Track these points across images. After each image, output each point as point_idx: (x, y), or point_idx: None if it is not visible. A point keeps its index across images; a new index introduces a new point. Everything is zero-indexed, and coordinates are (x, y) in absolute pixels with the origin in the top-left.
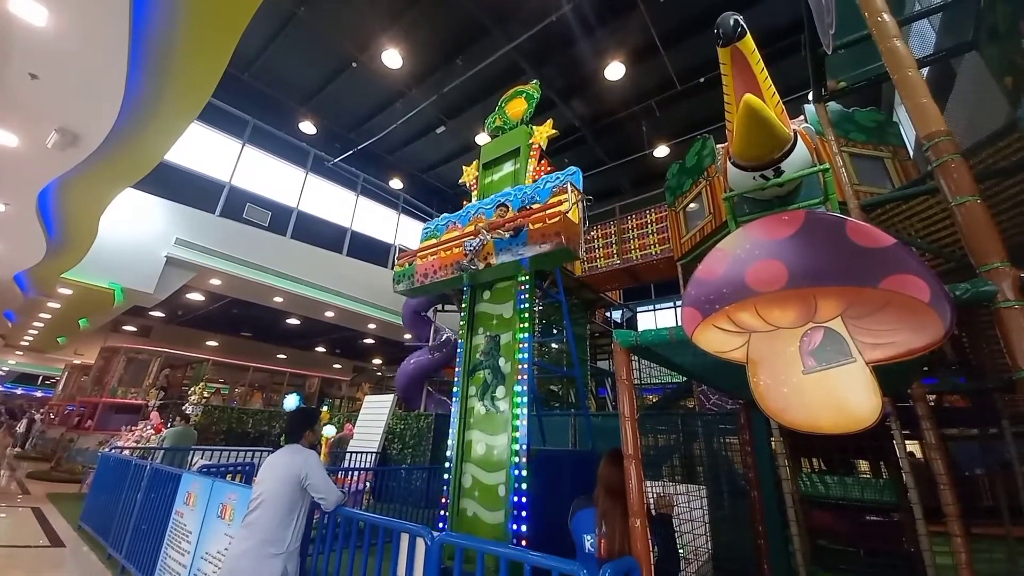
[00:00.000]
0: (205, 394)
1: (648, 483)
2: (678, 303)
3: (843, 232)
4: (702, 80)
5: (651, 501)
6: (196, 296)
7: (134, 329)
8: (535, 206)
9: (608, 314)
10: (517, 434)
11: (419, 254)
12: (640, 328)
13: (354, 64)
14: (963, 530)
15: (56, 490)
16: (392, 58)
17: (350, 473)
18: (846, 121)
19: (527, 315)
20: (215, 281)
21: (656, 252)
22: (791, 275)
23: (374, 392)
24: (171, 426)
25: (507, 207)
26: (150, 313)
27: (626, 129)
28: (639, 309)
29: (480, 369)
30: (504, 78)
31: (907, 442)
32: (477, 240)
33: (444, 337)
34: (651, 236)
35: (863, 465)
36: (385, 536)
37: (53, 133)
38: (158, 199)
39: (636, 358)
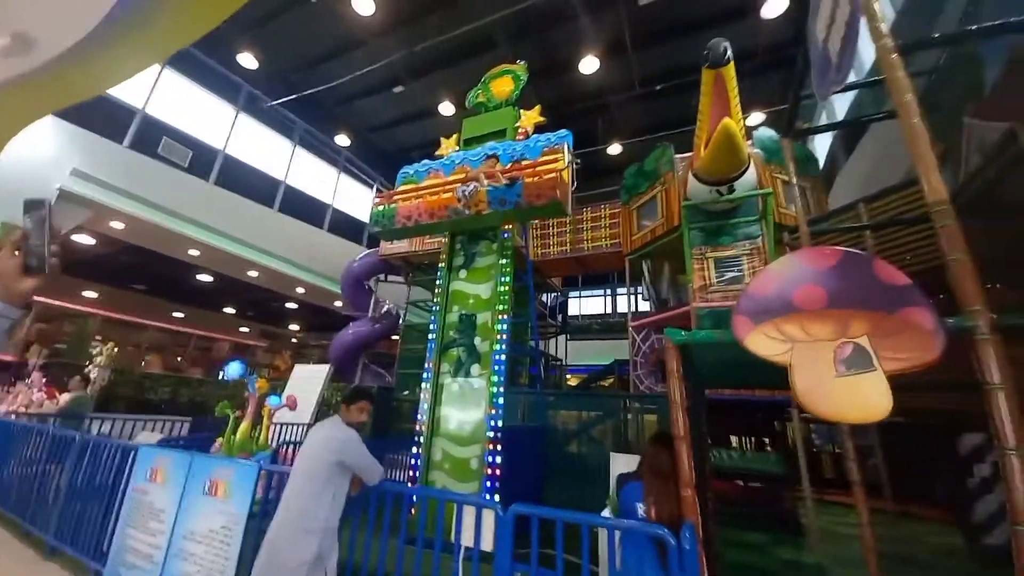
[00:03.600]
0: (115, 352)
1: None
2: (607, 291)
3: (871, 268)
4: (658, 88)
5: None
6: (84, 239)
7: None
8: (525, 162)
9: (543, 298)
10: (494, 411)
11: (396, 196)
12: (570, 311)
13: None
14: (863, 494)
15: None
16: (365, 1)
17: (287, 446)
18: (781, 152)
19: (507, 296)
20: (117, 224)
21: (606, 245)
22: (830, 298)
23: (297, 361)
24: (69, 390)
25: (496, 159)
26: None
27: (586, 122)
28: (571, 295)
29: (454, 347)
30: (477, 48)
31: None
32: (471, 187)
33: (386, 309)
34: (603, 230)
35: (740, 443)
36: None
37: (7, 37)
38: (53, 118)
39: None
